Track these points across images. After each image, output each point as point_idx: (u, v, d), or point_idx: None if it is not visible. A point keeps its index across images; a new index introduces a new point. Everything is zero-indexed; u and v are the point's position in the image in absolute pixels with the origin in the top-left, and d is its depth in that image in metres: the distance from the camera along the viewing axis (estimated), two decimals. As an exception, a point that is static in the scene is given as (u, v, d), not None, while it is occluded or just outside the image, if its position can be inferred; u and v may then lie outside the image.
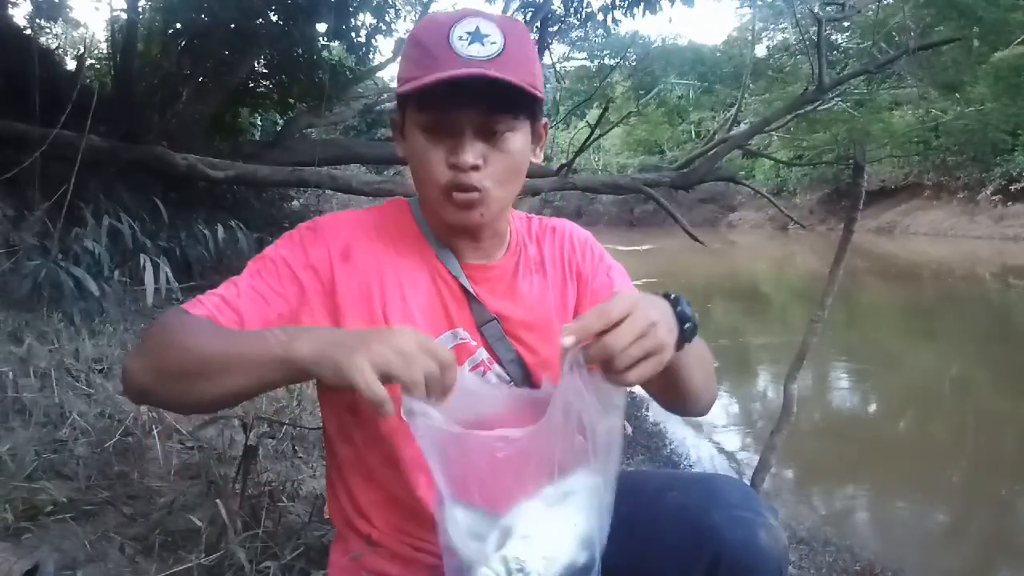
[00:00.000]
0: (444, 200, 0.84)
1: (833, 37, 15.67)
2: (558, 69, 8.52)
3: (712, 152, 6.45)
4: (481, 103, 0.79)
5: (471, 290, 0.90)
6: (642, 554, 0.81)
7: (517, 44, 0.80)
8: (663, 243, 12.81)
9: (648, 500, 0.83)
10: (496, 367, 0.92)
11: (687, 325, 0.72)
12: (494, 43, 0.78)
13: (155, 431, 1.74)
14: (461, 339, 0.90)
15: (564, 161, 5.35)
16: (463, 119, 0.80)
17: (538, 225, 1.01)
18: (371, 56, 7.29)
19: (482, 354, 0.91)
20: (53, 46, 6.40)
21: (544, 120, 0.90)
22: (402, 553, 0.91)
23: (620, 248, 13.47)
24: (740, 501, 0.78)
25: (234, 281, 0.85)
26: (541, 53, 6.64)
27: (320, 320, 0.85)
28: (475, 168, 0.81)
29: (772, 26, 18.07)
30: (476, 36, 0.78)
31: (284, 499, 1.60)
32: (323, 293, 0.85)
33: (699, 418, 3.96)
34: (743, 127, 7.98)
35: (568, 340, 0.63)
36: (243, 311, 0.81)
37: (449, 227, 0.89)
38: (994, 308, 8.49)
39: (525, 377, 0.94)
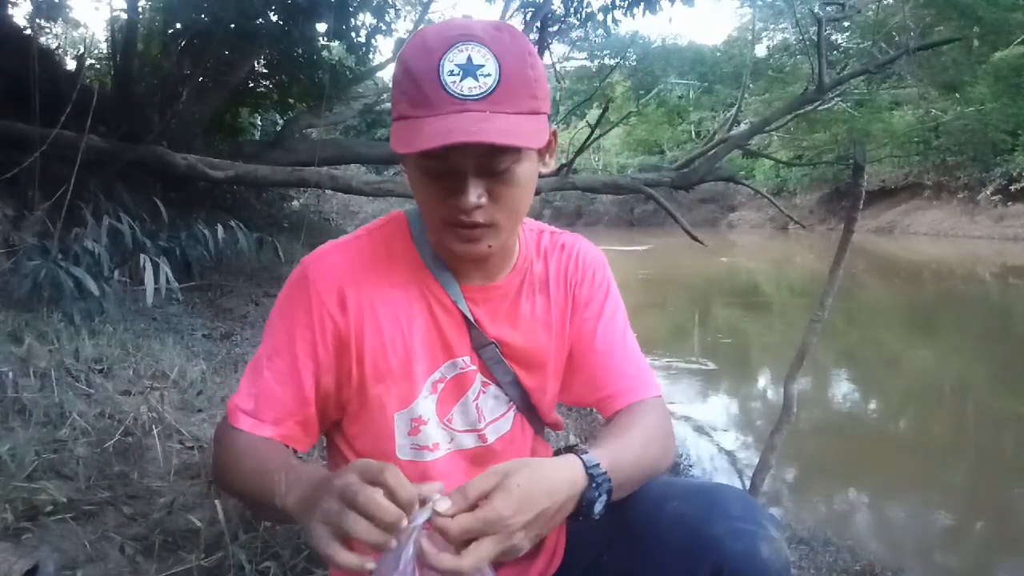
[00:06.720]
0: (448, 233, 0.81)
1: (833, 37, 15.69)
2: (558, 69, 8.51)
3: (712, 152, 6.45)
4: (479, 147, 0.74)
5: (470, 316, 0.89)
6: (641, 564, 0.80)
7: (513, 68, 0.75)
8: (663, 243, 12.81)
9: (648, 509, 0.82)
10: (493, 388, 0.92)
11: (597, 496, 0.72)
12: (488, 75, 0.74)
13: (155, 431, 1.74)
14: (461, 369, 0.90)
15: (564, 161, 5.34)
16: (461, 163, 0.76)
17: (548, 240, 0.98)
18: (371, 56, 7.30)
19: (479, 378, 0.91)
20: (53, 46, 6.42)
21: (553, 128, 0.84)
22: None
23: (620, 248, 13.50)
24: (742, 512, 0.77)
25: (259, 368, 0.87)
26: (541, 53, 6.64)
27: (340, 377, 0.86)
28: (478, 207, 0.78)
29: (772, 26, 18.09)
30: (468, 70, 0.73)
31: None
32: (335, 348, 0.86)
33: (699, 418, 3.97)
34: (743, 127, 7.98)
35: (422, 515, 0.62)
36: (276, 413, 0.85)
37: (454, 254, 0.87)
38: (994, 308, 8.49)
39: (523, 397, 0.95)
